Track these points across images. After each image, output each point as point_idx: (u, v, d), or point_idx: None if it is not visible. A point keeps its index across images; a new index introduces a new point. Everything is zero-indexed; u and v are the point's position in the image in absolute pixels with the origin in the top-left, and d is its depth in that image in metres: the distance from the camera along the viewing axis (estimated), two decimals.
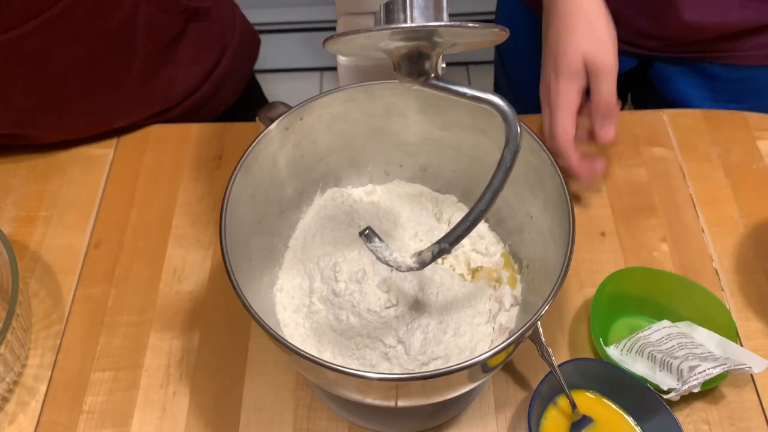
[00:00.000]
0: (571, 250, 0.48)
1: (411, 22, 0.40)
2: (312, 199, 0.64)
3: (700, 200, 0.74)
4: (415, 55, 0.42)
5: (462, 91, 0.43)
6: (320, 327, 0.56)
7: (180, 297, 0.68)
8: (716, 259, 0.70)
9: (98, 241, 0.72)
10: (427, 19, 0.40)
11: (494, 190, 0.43)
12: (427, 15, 0.40)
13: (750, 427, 0.60)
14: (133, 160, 0.79)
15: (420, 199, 0.65)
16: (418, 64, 0.43)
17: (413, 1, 0.40)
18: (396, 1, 0.40)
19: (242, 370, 0.63)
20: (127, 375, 0.63)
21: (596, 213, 0.74)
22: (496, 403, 0.61)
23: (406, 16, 0.40)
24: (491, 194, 0.43)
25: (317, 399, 0.61)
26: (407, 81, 0.43)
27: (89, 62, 0.70)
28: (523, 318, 0.56)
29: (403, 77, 0.43)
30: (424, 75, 0.43)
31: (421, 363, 0.54)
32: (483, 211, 0.44)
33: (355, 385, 0.47)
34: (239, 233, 0.52)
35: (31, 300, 0.68)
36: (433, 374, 0.43)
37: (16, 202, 0.75)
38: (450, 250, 0.45)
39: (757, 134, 0.80)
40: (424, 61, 0.43)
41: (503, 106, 0.42)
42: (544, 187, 0.54)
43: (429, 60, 0.43)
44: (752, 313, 0.66)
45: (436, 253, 0.45)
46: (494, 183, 0.43)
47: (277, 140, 0.56)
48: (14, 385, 0.62)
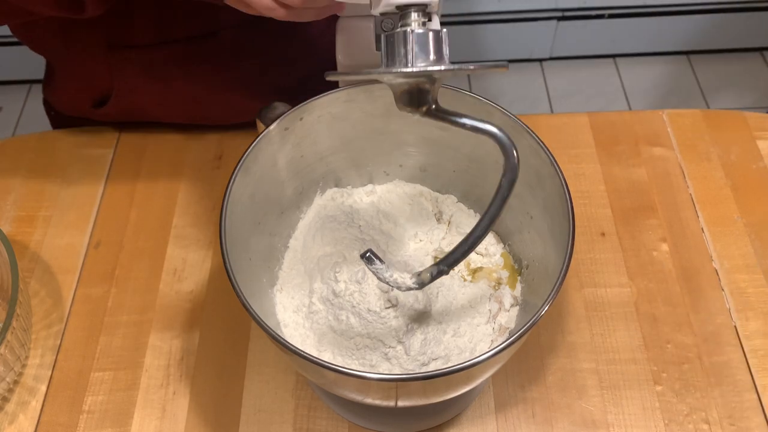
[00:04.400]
0: (571, 250, 0.48)
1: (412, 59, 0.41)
2: (312, 199, 0.64)
3: (700, 200, 0.74)
4: (416, 90, 0.43)
5: (461, 122, 0.44)
6: (320, 327, 0.56)
7: (180, 297, 0.68)
8: (716, 259, 0.70)
9: (98, 241, 0.72)
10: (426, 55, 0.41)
11: (492, 216, 0.45)
12: (427, 50, 0.41)
13: (750, 427, 0.60)
14: (133, 160, 0.79)
15: (420, 199, 0.65)
16: (418, 98, 0.44)
17: (413, 37, 0.41)
18: (397, 35, 0.41)
19: (242, 370, 0.63)
20: (127, 375, 0.63)
21: (596, 213, 0.74)
22: (496, 403, 0.61)
23: (407, 51, 0.41)
24: (488, 220, 0.45)
25: (317, 399, 0.61)
26: (408, 111, 0.44)
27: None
28: (523, 318, 0.56)
29: (403, 107, 0.44)
30: (424, 105, 0.44)
31: (421, 363, 0.54)
32: (480, 236, 0.45)
33: (355, 386, 0.47)
34: (239, 233, 0.52)
35: (31, 300, 0.68)
36: (433, 374, 0.43)
37: (16, 202, 0.75)
38: (448, 272, 0.47)
39: (757, 134, 0.80)
40: (425, 94, 0.44)
41: (502, 137, 0.43)
42: (544, 187, 0.54)
43: (429, 93, 0.44)
44: (752, 313, 0.66)
45: (435, 274, 0.47)
46: (492, 210, 0.45)
47: (277, 140, 0.56)
48: (14, 385, 0.62)
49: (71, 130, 0.82)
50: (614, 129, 0.81)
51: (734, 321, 0.66)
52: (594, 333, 0.65)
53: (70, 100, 0.82)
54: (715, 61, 1.93)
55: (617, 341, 0.64)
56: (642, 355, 0.64)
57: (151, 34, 0.69)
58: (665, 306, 0.67)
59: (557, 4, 1.78)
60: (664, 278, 0.69)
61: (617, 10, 1.82)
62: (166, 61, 0.72)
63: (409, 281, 0.48)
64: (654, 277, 0.69)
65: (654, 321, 0.66)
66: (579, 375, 0.63)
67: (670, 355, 0.64)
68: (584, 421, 0.60)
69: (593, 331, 0.65)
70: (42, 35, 0.72)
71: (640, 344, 0.64)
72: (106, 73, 0.74)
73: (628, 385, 0.62)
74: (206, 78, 0.75)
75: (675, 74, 1.91)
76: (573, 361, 0.63)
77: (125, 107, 0.78)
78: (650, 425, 0.60)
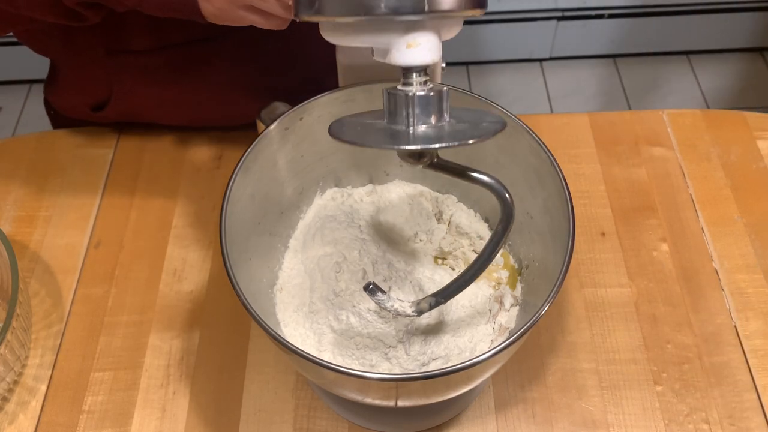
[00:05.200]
0: (571, 250, 0.48)
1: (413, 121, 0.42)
2: (312, 199, 0.64)
3: (700, 200, 0.74)
4: (417, 152, 0.45)
5: (461, 172, 0.46)
6: (320, 327, 0.56)
7: (180, 297, 0.68)
8: (716, 259, 0.70)
9: (98, 241, 0.72)
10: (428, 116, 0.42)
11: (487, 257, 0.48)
12: (428, 112, 0.42)
13: (750, 427, 0.60)
14: (133, 160, 0.79)
15: (420, 199, 0.65)
16: (420, 157, 0.46)
17: (415, 99, 0.42)
18: (399, 97, 0.42)
19: (242, 370, 0.63)
20: (127, 375, 0.63)
21: (596, 213, 0.74)
22: (496, 403, 0.61)
23: (408, 114, 0.42)
24: (484, 260, 0.48)
25: (317, 399, 0.61)
26: (410, 163, 0.46)
27: None
28: (523, 318, 0.56)
29: (406, 159, 0.46)
30: (425, 158, 0.46)
31: (421, 363, 0.54)
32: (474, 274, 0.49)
33: (355, 385, 0.47)
34: (239, 233, 0.52)
35: (31, 300, 0.68)
36: (433, 374, 0.43)
37: (16, 202, 0.75)
38: (445, 302, 0.51)
39: (757, 134, 0.80)
40: (426, 152, 0.45)
41: (500, 189, 0.46)
42: (544, 187, 0.54)
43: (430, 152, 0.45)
44: (752, 313, 0.66)
45: (433, 304, 0.51)
46: (487, 251, 0.48)
47: (277, 140, 0.56)
48: (14, 385, 0.62)
49: (71, 130, 0.82)
50: (614, 129, 0.81)
51: (734, 321, 0.66)
52: (594, 333, 0.65)
53: (69, 104, 0.82)
54: (715, 61, 1.93)
55: (617, 341, 0.64)
56: (642, 355, 0.64)
57: (148, 40, 0.69)
58: (665, 306, 0.67)
59: (557, 4, 1.78)
60: (664, 278, 0.69)
61: (617, 10, 1.82)
62: (164, 66, 0.72)
63: (408, 310, 0.51)
64: (654, 277, 0.69)
65: (654, 321, 0.66)
66: (579, 375, 0.62)
67: (670, 355, 0.64)
68: (584, 421, 0.60)
69: (593, 331, 0.65)
70: (43, 39, 0.73)
71: (640, 344, 0.64)
72: (104, 78, 0.74)
73: (628, 385, 0.62)
74: (205, 82, 0.75)
75: (675, 74, 1.91)
76: (573, 361, 0.63)
77: (124, 111, 0.78)
78: (650, 425, 0.60)
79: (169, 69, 0.73)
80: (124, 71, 0.73)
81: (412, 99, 0.42)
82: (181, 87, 0.75)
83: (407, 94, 0.42)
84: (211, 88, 0.76)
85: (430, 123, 0.42)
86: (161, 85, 0.74)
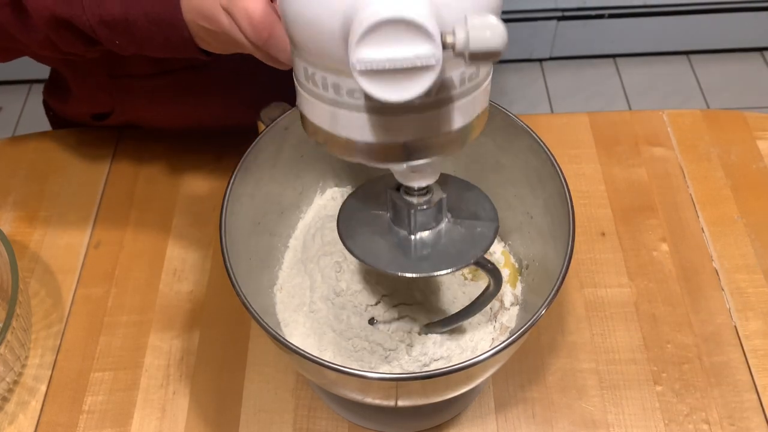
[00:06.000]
0: (571, 250, 0.48)
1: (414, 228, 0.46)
2: (312, 199, 0.64)
3: (700, 200, 0.74)
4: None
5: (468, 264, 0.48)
6: (320, 327, 0.56)
7: (180, 297, 0.68)
8: (716, 259, 0.70)
9: (98, 241, 0.72)
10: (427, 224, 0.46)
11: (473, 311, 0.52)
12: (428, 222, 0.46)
13: (750, 427, 0.60)
14: (133, 160, 0.79)
15: None
16: None
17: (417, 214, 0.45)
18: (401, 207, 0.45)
19: (242, 370, 0.63)
20: (127, 375, 0.63)
21: (596, 213, 0.74)
22: (496, 403, 0.61)
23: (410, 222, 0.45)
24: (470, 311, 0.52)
25: (317, 399, 0.61)
26: None
27: None
28: (524, 317, 0.56)
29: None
30: None
31: (421, 363, 0.54)
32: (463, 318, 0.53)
33: (355, 385, 0.47)
34: (239, 233, 0.52)
35: (31, 300, 0.68)
36: (433, 374, 0.43)
37: (16, 202, 0.75)
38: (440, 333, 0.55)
39: (757, 134, 0.80)
40: None
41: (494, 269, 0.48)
42: (544, 187, 0.54)
43: None
44: (752, 313, 0.66)
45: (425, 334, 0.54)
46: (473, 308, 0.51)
47: (277, 140, 0.56)
48: (14, 385, 0.62)
49: (71, 130, 0.82)
50: (614, 129, 0.81)
51: (734, 321, 0.66)
52: (594, 333, 0.65)
53: (70, 112, 0.82)
54: (715, 61, 1.93)
55: (617, 341, 0.64)
56: (642, 355, 0.64)
57: (149, 66, 0.70)
58: (665, 306, 0.67)
59: (557, 4, 1.78)
60: (664, 278, 0.69)
61: (617, 10, 1.82)
62: (166, 88, 0.73)
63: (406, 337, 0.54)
64: (654, 277, 0.69)
65: (654, 321, 0.66)
66: (579, 375, 0.62)
67: (670, 355, 0.64)
68: (584, 421, 0.60)
69: (593, 331, 0.65)
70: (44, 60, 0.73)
71: (640, 344, 0.64)
72: (107, 96, 0.75)
73: (628, 385, 0.62)
74: (208, 102, 0.75)
75: (675, 74, 1.91)
76: (573, 361, 0.63)
77: (125, 121, 0.79)
78: (650, 425, 0.60)
79: (171, 91, 0.73)
80: (127, 92, 0.74)
81: (414, 213, 0.45)
82: (184, 105, 0.75)
83: (410, 205, 0.44)
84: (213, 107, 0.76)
85: (431, 226, 0.46)
86: (164, 104, 0.75)
